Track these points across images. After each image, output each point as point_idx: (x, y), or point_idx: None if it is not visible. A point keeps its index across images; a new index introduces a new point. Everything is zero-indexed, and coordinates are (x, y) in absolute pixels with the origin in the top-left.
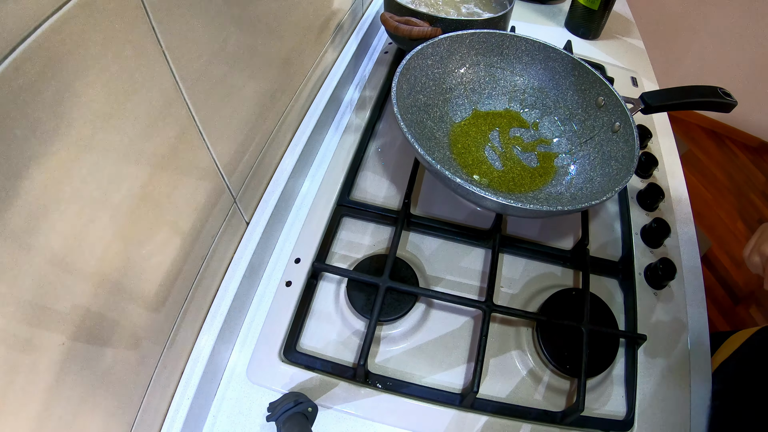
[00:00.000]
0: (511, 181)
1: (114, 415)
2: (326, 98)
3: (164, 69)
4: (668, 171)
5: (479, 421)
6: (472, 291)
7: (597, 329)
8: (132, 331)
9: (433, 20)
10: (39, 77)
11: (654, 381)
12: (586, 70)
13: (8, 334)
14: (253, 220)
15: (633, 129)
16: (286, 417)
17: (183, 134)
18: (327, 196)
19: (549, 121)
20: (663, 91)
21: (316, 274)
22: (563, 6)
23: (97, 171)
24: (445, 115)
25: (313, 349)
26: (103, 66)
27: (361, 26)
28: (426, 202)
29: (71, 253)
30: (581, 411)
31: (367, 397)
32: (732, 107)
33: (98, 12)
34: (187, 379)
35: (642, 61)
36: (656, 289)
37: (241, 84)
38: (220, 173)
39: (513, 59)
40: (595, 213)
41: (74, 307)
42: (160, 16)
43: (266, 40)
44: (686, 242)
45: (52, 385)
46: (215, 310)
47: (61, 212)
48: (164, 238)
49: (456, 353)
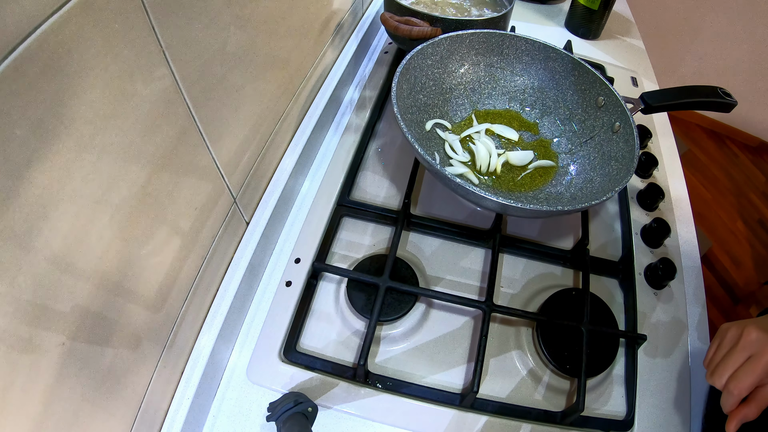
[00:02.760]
0: (511, 181)
1: (114, 415)
2: (326, 98)
3: (164, 69)
4: (668, 171)
5: (479, 421)
6: (472, 291)
7: (597, 329)
8: (132, 331)
9: (433, 20)
10: (39, 77)
11: (654, 381)
12: (586, 70)
13: (8, 334)
14: (253, 220)
15: (633, 129)
16: (286, 417)
17: (183, 134)
18: (327, 196)
19: (549, 121)
20: (663, 91)
21: (316, 274)
22: (563, 6)
23: (97, 171)
24: (445, 115)
25: (313, 349)
26: (103, 66)
27: (361, 26)
28: (426, 202)
29: (71, 253)
30: (581, 411)
31: (367, 397)
32: (732, 107)
33: (98, 12)
34: (187, 379)
35: (642, 61)
36: (656, 289)
37: (241, 84)
38: (220, 173)
39: (513, 59)
40: (595, 213)
41: (74, 307)
42: (160, 16)
43: (266, 40)
44: (686, 242)
45: (52, 385)
46: (215, 310)
47: (61, 212)
48: (164, 238)
49: (456, 353)
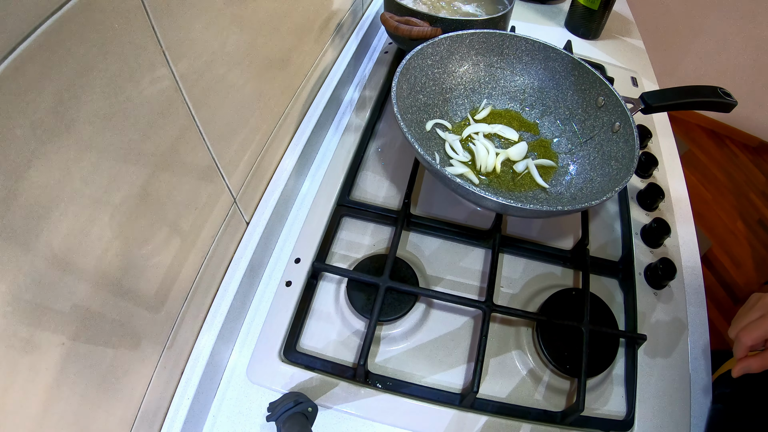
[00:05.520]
0: (511, 181)
1: (114, 415)
2: (326, 98)
3: (164, 69)
4: (668, 171)
5: (479, 421)
6: (472, 291)
7: (597, 329)
8: (132, 331)
9: (433, 20)
10: (39, 77)
11: (654, 381)
12: (586, 70)
13: (8, 334)
14: (253, 220)
15: (633, 129)
16: (286, 417)
17: (183, 134)
18: (327, 196)
19: (549, 121)
20: (663, 91)
21: (316, 274)
22: (563, 6)
23: (97, 171)
24: (445, 115)
25: (313, 349)
26: (103, 66)
27: (361, 26)
28: (426, 202)
29: (71, 253)
30: (581, 411)
31: (367, 397)
32: (732, 107)
33: (98, 12)
34: (187, 379)
35: (642, 61)
36: (656, 289)
37: (241, 84)
38: (220, 173)
39: (513, 59)
40: (595, 213)
41: (74, 307)
42: (160, 16)
43: (266, 40)
44: (686, 242)
45: (52, 385)
46: (215, 310)
47: (61, 212)
48: (164, 238)
49: (456, 353)
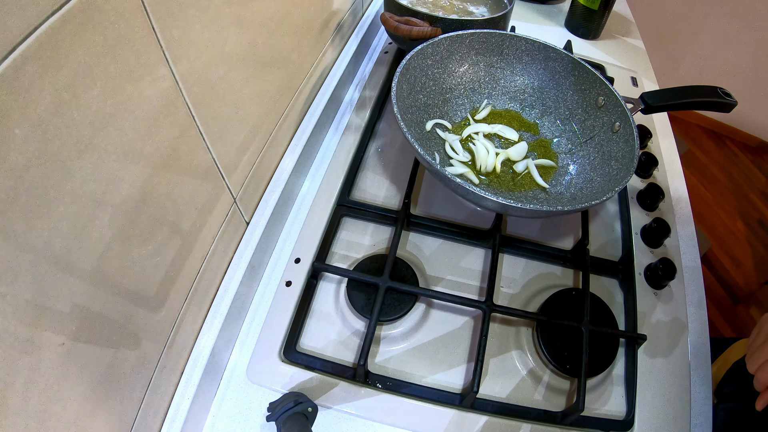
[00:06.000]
0: (511, 181)
1: (114, 415)
2: (326, 98)
3: (164, 69)
4: (668, 171)
5: (479, 421)
6: (472, 291)
7: (597, 329)
8: (132, 331)
9: (433, 20)
10: (39, 77)
11: (654, 381)
12: (586, 70)
13: (8, 334)
14: (253, 220)
15: (633, 129)
16: (286, 417)
17: (183, 134)
18: (327, 196)
19: (549, 121)
20: (663, 91)
21: (316, 274)
22: (563, 6)
23: (97, 171)
24: (445, 115)
25: (313, 349)
26: (103, 66)
27: (361, 26)
28: (426, 202)
29: (71, 253)
30: (581, 411)
31: (367, 397)
32: (732, 107)
33: (98, 12)
34: (187, 379)
35: (642, 61)
36: (656, 289)
37: (241, 84)
38: (220, 173)
39: (513, 59)
40: (595, 213)
41: (74, 307)
42: (160, 16)
43: (266, 40)
44: (686, 242)
45: (52, 385)
46: (215, 310)
47: (61, 212)
48: (164, 238)
49: (456, 353)
